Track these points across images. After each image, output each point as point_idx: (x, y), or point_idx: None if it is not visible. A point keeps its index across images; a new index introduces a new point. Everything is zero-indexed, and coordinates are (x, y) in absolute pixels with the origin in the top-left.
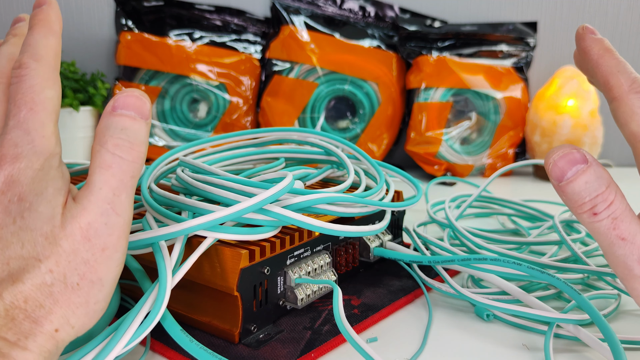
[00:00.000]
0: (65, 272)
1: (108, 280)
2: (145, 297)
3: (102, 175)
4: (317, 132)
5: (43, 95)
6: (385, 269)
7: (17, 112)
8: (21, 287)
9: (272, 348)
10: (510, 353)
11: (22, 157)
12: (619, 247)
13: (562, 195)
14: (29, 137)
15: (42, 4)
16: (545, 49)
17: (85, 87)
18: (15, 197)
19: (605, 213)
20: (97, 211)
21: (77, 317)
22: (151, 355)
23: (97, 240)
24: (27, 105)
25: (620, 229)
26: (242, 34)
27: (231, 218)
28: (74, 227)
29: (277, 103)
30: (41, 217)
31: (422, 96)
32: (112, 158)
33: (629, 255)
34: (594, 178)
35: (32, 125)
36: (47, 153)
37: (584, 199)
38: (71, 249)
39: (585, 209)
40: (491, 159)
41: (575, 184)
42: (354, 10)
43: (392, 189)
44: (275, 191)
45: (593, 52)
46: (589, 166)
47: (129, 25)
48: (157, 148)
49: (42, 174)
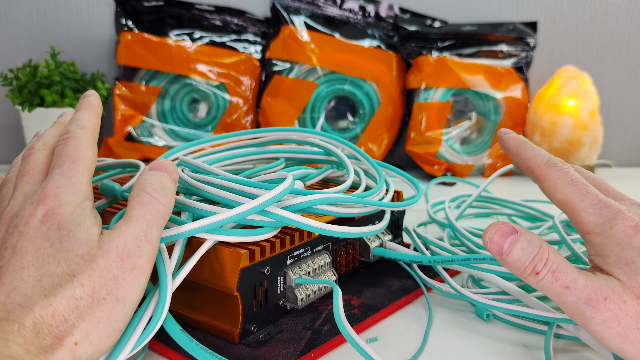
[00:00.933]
0: (95, 286)
1: (130, 301)
2: (147, 302)
3: (140, 210)
4: (317, 132)
5: (84, 154)
6: (385, 269)
7: (61, 163)
8: (52, 300)
9: (272, 348)
10: (510, 353)
11: (62, 196)
12: (566, 295)
13: (507, 266)
14: (70, 181)
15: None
16: (545, 49)
17: (85, 87)
18: (55, 226)
19: (545, 270)
20: (132, 236)
21: (97, 332)
22: (151, 355)
23: (129, 260)
24: (70, 159)
25: (561, 279)
26: (242, 34)
27: (232, 220)
28: (111, 247)
29: (277, 103)
30: (79, 241)
31: (422, 96)
32: (149, 198)
33: (576, 300)
34: (526, 244)
35: (73, 174)
36: (83, 196)
37: (524, 264)
38: (105, 265)
39: (528, 272)
40: (491, 159)
41: (513, 253)
42: (354, 10)
43: (392, 189)
44: (276, 193)
45: (511, 147)
46: (519, 235)
47: (129, 25)
48: (157, 148)
49: (79, 210)
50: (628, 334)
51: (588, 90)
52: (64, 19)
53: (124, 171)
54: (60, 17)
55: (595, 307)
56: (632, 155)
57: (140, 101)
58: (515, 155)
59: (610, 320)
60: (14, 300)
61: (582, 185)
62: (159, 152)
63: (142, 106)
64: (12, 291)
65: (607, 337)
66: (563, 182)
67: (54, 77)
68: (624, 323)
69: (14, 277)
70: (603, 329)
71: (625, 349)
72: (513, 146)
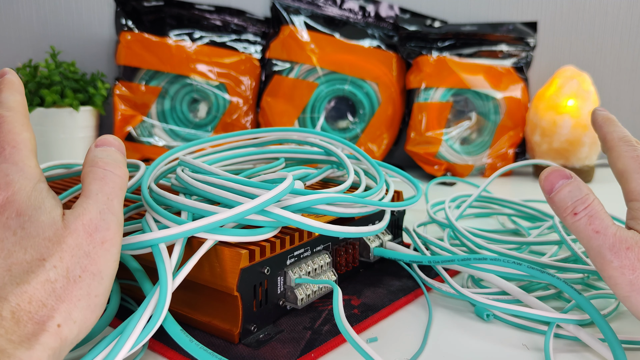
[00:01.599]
0: (68, 265)
1: (107, 274)
2: (147, 301)
3: (97, 184)
4: (317, 132)
5: (22, 136)
6: (385, 269)
7: (1, 151)
8: (26, 287)
9: (272, 348)
10: (510, 353)
11: (14, 183)
12: (595, 239)
13: (552, 204)
14: (17, 167)
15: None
16: (545, 49)
17: (85, 87)
18: (13, 214)
19: (583, 212)
20: (96, 210)
21: (79, 310)
22: (151, 355)
23: (97, 234)
24: (9, 144)
25: (595, 224)
26: (242, 34)
27: (232, 220)
28: (77, 225)
29: (277, 103)
30: (42, 225)
31: (422, 96)
32: (104, 172)
33: (602, 244)
34: (575, 188)
35: (18, 158)
36: (35, 178)
37: (567, 204)
38: (75, 243)
39: (568, 211)
40: (491, 159)
41: (561, 192)
42: (354, 10)
43: (392, 189)
44: (276, 193)
45: (598, 120)
46: (573, 180)
47: (129, 25)
48: (157, 148)
49: (35, 193)
50: (639, 283)
51: (588, 90)
52: (64, 19)
53: None
54: (60, 17)
55: (616, 253)
56: None
57: (140, 101)
58: (598, 128)
59: (626, 267)
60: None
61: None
62: (159, 152)
63: (142, 106)
64: None
65: (620, 282)
66: (627, 155)
67: (54, 77)
68: (638, 273)
69: None
70: (618, 274)
71: (634, 298)
72: (599, 120)
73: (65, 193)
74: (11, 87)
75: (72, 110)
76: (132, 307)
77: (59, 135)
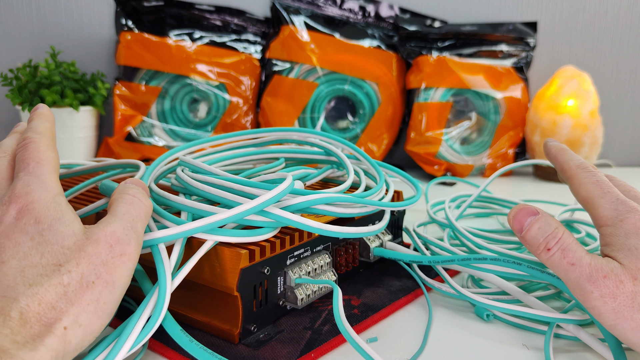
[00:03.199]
0: (83, 272)
1: (119, 284)
2: (146, 301)
3: (126, 207)
4: (317, 132)
5: (47, 155)
6: (385, 269)
7: (25, 165)
8: (37, 288)
9: (272, 348)
10: (510, 353)
11: (34, 193)
12: (571, 271)
13: (524, 242)
14: (39, 179)
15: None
16: (545, 49)
17: (85, 87)
18: (32, 221)
19: (556, 247)
20: (120, 226)
21: (86, 315)
22: (151, 355)
23: (117, 246)
24: (34, 160)
25: (569, 257)
26: (242, 34)
27: (231, 220)
28: (99, 236)
29: (277, 103)
30: (62, 234)
31: (422, 96)
32: (132, 199)
33: (580, 276)
34: (544, 224)
35: (40, 172)
36: (55, 192)
37: (539, 240)
38: (94, 251)
39: (541, 248)
40: (491, 159)
41: (531, 230)
42: (354, 10)
43: (392, 189)
44: (275, 193)
45: (552, 152)
46: (540, 216)
47: (129, 25)
48: (157, 148)
49: (54, 204)
50: (622, 310)
51: (588, 90)
52: (64, 19)
53: (124, 171)
54: (60, 17)
55: (594, 283)
56: (632, 155)
57: (140, 101)
58: (553, 159)
59: (607, 296)
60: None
61: (605, 185)
62: (159, 152)
63: (142, 106)
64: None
65: (604, 312)
66: (588, 182)
67: (54, 77)
68: (620, 300)
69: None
70: (600, 304)
71: (620, 326)
72: (553, 151)
73: (66, 193)
74: (42, 117)
75: (72, 110)
76: (132, 307)
77: (59, 135)
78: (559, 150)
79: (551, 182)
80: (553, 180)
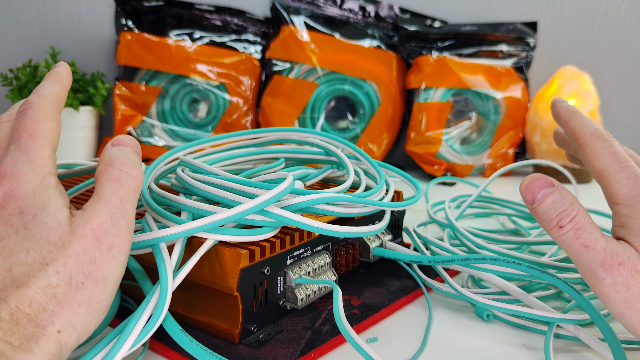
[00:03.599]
0: (71, 272)
1: (111, 280)
2: (147, 300)
3: (111, 186)
4: (317, 132)
5: (43, 125)
6: (385, 269)
7: (17, 137)
8: (26, 290)
9: (272, 348)
10: (510, 353)
11: (20, 174)
12: (584, 254)
13: (535, 215)
14: (28, 157)
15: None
16: (545, 49)
17: (85, 87)
18: (16, 210)
19: (569, 225)
20: (107, 214)
21: (79, 317)
22: (151, 355)
23: (105, 240)
24: (27, 131)
25: (583, 238)
26: (242, 34)
27: (232, 220)
28: (85, 229)
29: (277, 103)
30: (46, 227)
31: (422, 96)
32: (119, 173)
33: (592, 260)
34: (559, 198)
35: (30, 147)
36: (44, 172)
37: (551, 216)
38: (81, 249)
39: (553, 224)
40: (491, 159)
41: (544, 203)
42: (354, 10)
43: (392, 189)
44: (276, 193)
45: (562, 114)
46: (555, 189)
47: (129, 25)
48: (157, 148)
49: (41, 189)
50: (634, 301)
51: (588, 90)
52: (64, 19)
53: None
54: (60, 17)
55: (608, 269)
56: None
57: (140, 101)
58: (564, 123)
59: (620, 285)
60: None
61: (622, 158)
62: (159, 152)
63: (142, 106)
64: None
65: (614, 300)
66: (604, 153)
67: None
68: (633, 290)
69: None
70: (611, 292)
71: (629, 315)
72: (564, 113)
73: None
74: (54, 78)
75: (72, 110)
76: (132, 307)
77: None
78: (570, 112)
79: None
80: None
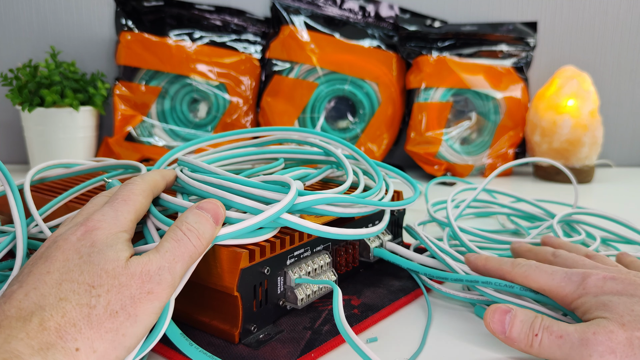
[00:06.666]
0: (110, 299)
1: (142, 320)
2: None
3: (171, 244)
4: (317, 132)
5: (136, 197)
6: (385, 269)
7: (113, 200)
8: (65, 303)
9: (272, 348)
10: (510, 353)
11: (103, 222)
12: (563, 344)
13: (511, 342)
14: (115, 214)
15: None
16: (545, 49)
17: (85, 87)
18: (89, 243)
19: (541, 330)
20: (157, 264)
21: (103, 342)
22: (152, 355)
23: (148, 284)
24: (122, 197)
25: (555, 331)
26: (242, 34)
27: (233, 236)
28: (136, 269)
29: (277, 103)
30: (106, 258)
31: (422, 96)
32: (182, 236)
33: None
34: (523, 315)
35: (120, 208)
36: (123, 227)
37: (526, 332)
38: (126, 283)
39: (530, 338)
40: (491, 159)
41: (515, 326)
42: (354, 10)
43: (392, 189)
44: (280, 208)
45: (479, 266)
46: (515, 310)
47: (129, 25)
48: (157, 148)
49: (115, 237)
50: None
51: (588, 90)
52: (64, 19)
53: (126, 172)
54: (60, 17)
55: (588, 343)
56: (632, 155)
57: (140, 101)
58: (485, 272)
59: (606, 353)
60: (31, 299)
61: (546, 268)
62: (159, 152)
63: (142, 106)
64: (31, 290)
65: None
66: (530, 273)
67: (54, 77)
68: (619, 352)
69: (37, 279)
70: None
71: None
72: (481, 265)
73: (66, 193)
74: (160, 172)
75: (72, 110)
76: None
77: (59, 135)
78: (485, 261)
79: (551, 182)
80: (553, 180)
